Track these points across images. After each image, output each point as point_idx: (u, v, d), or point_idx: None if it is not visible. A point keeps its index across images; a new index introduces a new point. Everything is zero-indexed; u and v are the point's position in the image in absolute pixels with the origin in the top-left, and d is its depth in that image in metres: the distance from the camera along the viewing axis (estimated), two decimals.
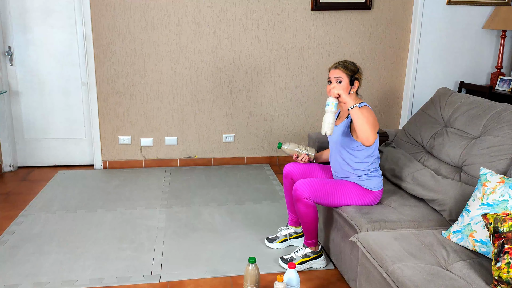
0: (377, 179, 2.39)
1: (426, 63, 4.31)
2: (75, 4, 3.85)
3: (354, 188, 2.38)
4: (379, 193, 2.40)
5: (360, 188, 2.38)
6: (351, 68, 2.35)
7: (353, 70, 2.35)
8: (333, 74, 2.37)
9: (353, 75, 2.34)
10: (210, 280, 2.42)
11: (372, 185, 2.38)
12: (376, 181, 2.39)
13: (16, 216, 3.15)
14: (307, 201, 2.35)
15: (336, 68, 2.37)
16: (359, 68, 2.39)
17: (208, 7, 3.92)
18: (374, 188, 2.38)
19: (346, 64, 2.37)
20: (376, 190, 2.39)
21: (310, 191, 2.34)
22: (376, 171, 2.41)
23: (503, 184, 1.85)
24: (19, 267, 2.51)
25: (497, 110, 2.35)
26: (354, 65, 2.39)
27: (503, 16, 4.05)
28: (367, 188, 2.38)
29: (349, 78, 2.34)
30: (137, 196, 3.52)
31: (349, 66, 2.36)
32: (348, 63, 2.38)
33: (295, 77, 4.20)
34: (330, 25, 4.13)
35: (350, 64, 2.37)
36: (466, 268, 1.74)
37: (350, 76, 2.34)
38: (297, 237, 2.77)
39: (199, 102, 4.12)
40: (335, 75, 2.36)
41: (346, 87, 2.35)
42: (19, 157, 4.13)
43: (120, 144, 4.14)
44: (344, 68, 2.35)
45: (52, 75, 3.98)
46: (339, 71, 2.35)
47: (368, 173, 2.38)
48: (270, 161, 4.38)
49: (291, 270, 2.16)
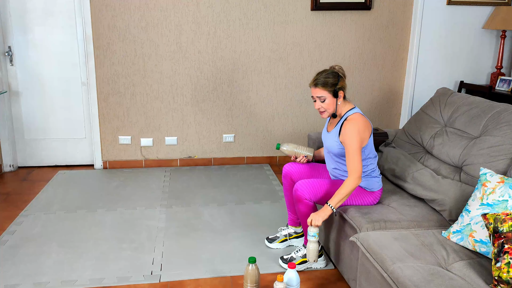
0: (375, 179, 2.39)
1: (426, 63, 4.31)
2: (75, 5, 3.85)
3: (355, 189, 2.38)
4: (378, 193, 2.40)
5: (359, 189, 2.38)
6: (331, 83, 2.27)
7: (334, 84, 2.27)
8: (315, 93, 2.31)
9: (335, 88, 2.28)
10: (210, 280, 2.42)
11: (371, 186, 2.38)
12: (375, 181, 2.39)
13: (16, 216, 3.15)
14: (308, 202, 2.35)
15: (316, 86, 2.29)
16: (340, 76, 2.30)
17: (208, 7, 3.92)
18: (373, 189, 2.38)
19: (325, 80, 2.28)
20: (375, 191, 2.39)
21: (311, 192, 2.34)
22: (373, 171, 2.40)
23: (503, 184, 1.85)
24: (19, 267, 2.51)
25: (497, 110, 2.35)
26: (333, 75, 2.29)
27: (503, 16, 4.05)
28: (365, 189, 2.38)
29: (331, 93, 2.28)
30: (137, 196, 3.52)
31: (328, 80, 2.28)
32: (327, 76, 2.29)
33: (295, 77, 4.20)
34: (330, 25, 4.13)
35: (329, 77, 2.28)
36: (466, 268, 1.74)
37: (332, 90, 2.28)
38: (297, 237, 2.77)
39: (199, 102, 4.12)
40: (317, 95, 2.30)
41: (332, 103, 2.31)
42: (19, 157, 4.13)
43: (120, 144, 4.14)
44: (324, 85, 2.27)
45: (52, 75, 3.98)
46: (320, 90, 2.29)
47: (365, 175, 2.38)
48: (270, 161, 4.38)
49: (291, 270, 2.16)
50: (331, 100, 2.30)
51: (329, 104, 2.31)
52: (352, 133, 2.23)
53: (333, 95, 2.30)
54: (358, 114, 2.30)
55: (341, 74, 2.32)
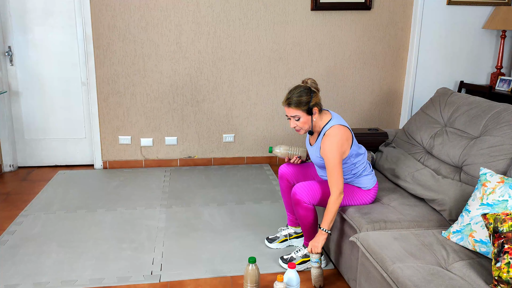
0: (367, 177, 2.40)
1: (426, 63, 4.31)
2: (75, 4, 3.85)
3: (351, 190, 2.39)
4: (374, 190, 2.41)
5: (356, 189, 2.39)
6: (304, 101, 2.23)
7: (306, 102, 2.23)
8: (289, 112, 2.28)
9: (308, 105, 2.23)
10: (210, 280, 2.42)
11: (365, 184, 2.39)
12: (367, 179, 2.39)
13: (16, 216, 3.15)
14: (307, 205, 2.35)
15: (289, 106, 2.25)
16: (312, 91, 2.25)
17: (208, 7, 3.92)
18: (367, 187, 2.39)
19: (297, 99, 2.23)
20: (370, 188, 2.39)
21: (309, 195, 2.34)
22: (365, 170, 2.40)
23: (503, 184, 1.85)
24: (19, 267, 2.51)
25: (497, 110, 2.35)
26: (306, 92, 2.24)
27: (503, 16, 4.05)
28: (361, 187, 2.39)
29: (305, 111, 2.25)
30: (137, 196, 3.52)
31: (301, 99, 2.23)
32: (300, 95, 2.23)
33: (295, 77, 4.19)
34: (330, 25, 4.13)
35: (302, 96, 2.23)
36: (466, 268, 1.74)
37: (306, 109, 2.24)
38: (297, 237, 2.77)
39: (199, 102, 4.12)
40: (292, 114, 2.27)
41: (307, 120, 2.28)
42: (19, 157, 4.13)
43: (120, 144, 4.14)
44: (297, 105, 2.23)
45: (52, 75, 3.98)
46: (294, 110, 2.25)
47: (357, 176, 2.39)
48: (270, 161, 4.38)
49: (291, 270, 2.16)
50: (305, 118, 2.27)
51: (304, 122, 2.28)
52: (331, 149, 2.21)
53: (307, 113, 2.26)
54: (335, 127, 2.25)
55: (314, 89, 2.27)
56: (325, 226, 2.27)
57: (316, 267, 2.31)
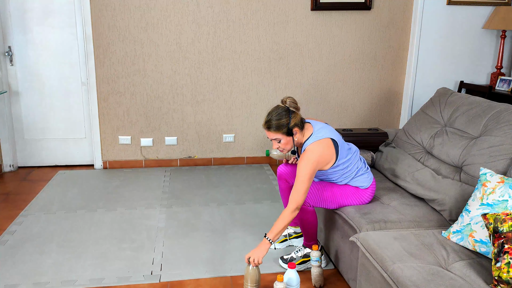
0: (363, 176, 2.40)
1: (426, 63, 4.31)
2: (75, 4, 3.85)
3: (350, 188, 2.40)
4: (372, 189, 2.41)
5: (353, 189, 2.40)
6: (283, 124, 2.23)
7: (285, 124, 2.23)
8: (270, 136, 2.29)
9: (288, 127, 2.24)
10: (210, 280, 2.42)
11: (361, 184, 2.39)
12: (363, 178, 2.39)
13: (16, 216, 3.15)
14: (306, 207, 2.35)
15: (268, 129, 2.27)
16: (291, 112, 2.24)
17: (208, 7, 3.92)
18: (364, 186, 2.39)
19: (276, 122, 2.23)
20: (368, 187, 2.40)
21: (308, 197, 2.34)
22: (359, 169, 2.40)
23: (503, 184, 1.85)
24: (19, 267, 2.51)
25: (497, 110, 2.35)
26: (285, 115, 2.23)
27: (503, 16, 4.05)
28: (359, 187, 2.40)
29: (285, 134, 2.25)
30: (137, 196, 3.52)
31: (280, 122, 2.23)
32: (278, 118, 2.23)
33: (295, 77, 4.20)
34: (330, 25, 4.13)
35: (281, 118, 2.23)
36: (466, 268, 1.74)
37: (286, 131, 2.25)
38: (297, 237, 2.77)
39: (199, 102, 4.12)
40: (272, 137, 2.29)
41: (288, 141, 2.29)
42: (19, 157, 4.13)
43: (120, 144, 4.14)
44: (277, 129, 2.24)
45: (52, 75, 3.98)
46: (273, 134, 2.26)
47: (353, 177, 2.39)
48: (270, 161, 4.38)
49: (291, 270, 2.16)
50: (286, 139, 2.28)
51: (286, 143, 2.29)
52: (305, 165, 2.20)
53: (287, 135, 2.26)
54: (313, 144, 2.23)
55: (292, 108, 2.26)
56: (271, 236, 2.21)
57: (316, 266, 2.31)
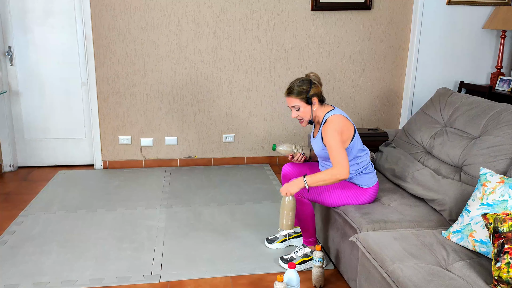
0: (368, 175, 2.39)
1: (426, 63, 4.31)
2: (75, 5, 3.85)
3: (348, 187, 2.39)
4: (374, 190, 2.40)
5: (354, 186, 2.39)
6: (303, 91, 2.29)
7: (306, 91, 2.29)
8: (289, 103, 2.34)
9: (307, 95, 2.29)
10: (210, 280, 2.42)
11: (365, 183, 2.38)
12: (368, 177, 2.39)
13: (16, 216, 3.15)
14: (300, 198, 2.35)
15: (289, 95, 2.33)
16: (312, 82, 2.31)
17: (208, 7, 3.92)
18: (367, 185, 2.38)
19: (297, 88, 2.30)
20: (370, 187, 2.39)
21: (305, 189, 2.34)
22: (366, 167, 2.40)
23: (503, 184, 1.85)
24: (19, 267, 2.51)
25: (497, 110, 2.35)
26: (306, 83, 2.31)
27: (503, 16, 4.05)
28: (360, 185, 2.38)
29: (304, 101, 2.31)
30: (137, 196, 3.52)
31: (301, 88, 2.29)
32: (300, 84, 2.30)
33: (295, 77, 4.19)
34: (330, 25, 4.13)
35: (302, 85, 2.30)
36: (466, 268, 1.74)
37: (305, 98, 2.30)
38: (297, 237, 2.77)
39: (199, 102, 4.12)
40: (291, 104, 2.34)
41: (307, 111, 2.33)
42: (19, 157, 4.13)
43: (120, 144, 4.14)
44: (297, 94, 2.30)
45: (52, 75, 3.98)
46: (293, 99, 2.32)
47: (358, 172, 2.39)
48: (270, 161, 4.38)
49: (291, 270, 2.16)
50: (305, 108, 2.32)
51: (304, 112, 2.33)
52: (332, 134, 2.23)
53: (307, 103, 2.31)
54: (335, 116, 2.29)
55: (314, 81, 2.32)
56: (308, 179, 2.23)
57: (318, 267, 2.31)
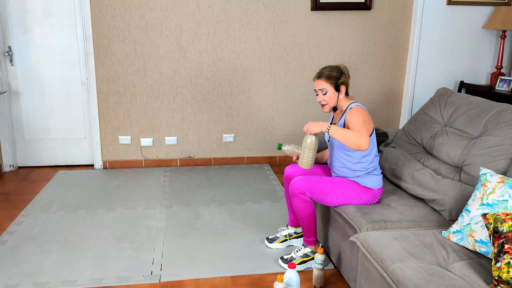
0: (376, 177, 2.39)
1: (426, 63, 4.31)
2: (75, 5, 3.85)
3: (352, 186, 2.38)
4: (378, 192, 2.40)
5: (358, 186, 2.38)
6: (334, 76, 2.34)
7: (336, 77, 2.33)
8: (317, 85, 2.37)
9: (337, 81, 2.33)
10: (210, 280, 2.42)
11: (370, 183, 2.37)
12: (375, 179, 2.38)
13: (16, 216, 3.15)
14: (303, 196, 2.35)
15: (319, 78, 2.36)
16: (343, 72, 2.36)
17: (208, 7, 3.92)
18: (373, 186, 2.38)
19: (328, 72, 2.34)
20: (375, 188, 2.38)
21: (305, 186, 2.34)
22: (375, 169, 2.41)
23: (503, 184, 1.85)
24: (19, 267, 2.51)
25: (497, 110, 2.35)
26: (337, 70, 2.35)
27: (503, 16, 4.05)
28: (365, 186, 2.38)
29: (333, 86, 2.34)
30: (137, 196, 3.52)
31: (332, 73, 2.34)
32: (331, 70, 2.35)
33: (295, 77, 4.20)
34: (330, 25, 4.13)
35: (333, 71, 2.35)
36: (466, 268, 1.74)
37: (334, 84, 2.34)
38: (297, 237, 2.77)
39: (199, 102, 4.12)
40: (319, 87, 2.36)
41: (333, 96, 2.36)
42: (19, 157, 4.13)
43: (120, 144, 4.14)
44: (327, 78, 2.34)
45: (52, 75, 3.98)
46: (322, 82, 2.35)
47: (367, 172, 2.38)
48: (270, 161, 4.38)
49: (291, 270, 2.16)
50: (332, 93, 2.35)
51: (330, 97, 2.36)
52: (357, 116, 2.26)
53: (335, 89, 2.34)
54: (361, 107, 2.34)
55: (345, 72, 2.37)
56: (332, 128, 2.19)
57: (319, 269, 2.31)
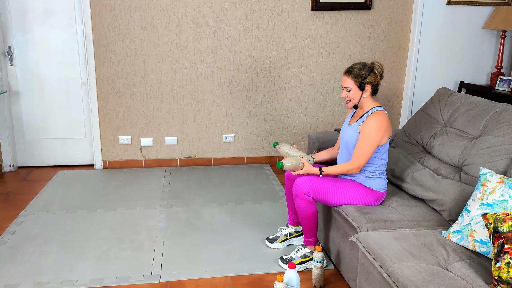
0: (382, 180, 2.39)
1: (426, 63, 4.31)
2: (75, 4, 3.85)
3: (356, 187, 2.38)
4: (381, 194, 2.39)
5: (362, 187, 2.38)
6: (359, 74, 2.30)
7: (361, 76, 2.30)
8: (343, 82, 2.36)
9: (362, 80, 2.30)
10: (210, 280, 2.42)
11: (375, 185, 2.37)
12: (381, 182, 2.38)
13: (16, 216, 3.15)
14: (306, 197, 2.35)
15: (346, 74, 2.35)
16: (373, 71, 2.32)
17: (208, 7, 3.92)
18: (377, 188, 2.37)
19: (357, 71, 2.31)
20: (378, 191, 2.38)
21: (309, 186, 2.34)
22: (382, 173, 2.40)
23: (503, 184, 1.85)
24: (19, 267, 2.51)
25: (497, 110, 2.35)
26: (364, 68, 2.31)
27: (503, 16, 4.05)
28: (369, 187, 2.38)
29: (357, 84, 2.31)
30: (137, 196, 3.52)
31: (358, 72, 2.31)
32: (361, 68, 2.32)
33: (295, 77, 4.20)
34: (330, 25, 4.13)
35: (363, 70, 2.31)
36: (466, 268, 1.74)
37: (359, 82, 2.31)
38: (297, 236, 2.77)
39: (199, 102, 4.12)
40: (344, 85, 2.36)
41: (357, 94, 2.34)
42: (19, 157, 4.13)
43: (120, 144, 4.14)
44: (353, 75, 2.32)
45: (52, 75, 3.98)
46: (348, 79, 2.33)
47: (374, 174, 2.38)
48: (270, 161, 4.38)
49: (291, 270, 2.16)
50: (356, 91, 2.34)
51: (354, 95, 2.35)
52: (374, 126, 2.27)
53: (359, 88, 2.32)
54: (384, 112, 2.33)
55: (376, 71, 2.33)
56: (324, 169, 2.38)
57: (318, 267, 2.31)
